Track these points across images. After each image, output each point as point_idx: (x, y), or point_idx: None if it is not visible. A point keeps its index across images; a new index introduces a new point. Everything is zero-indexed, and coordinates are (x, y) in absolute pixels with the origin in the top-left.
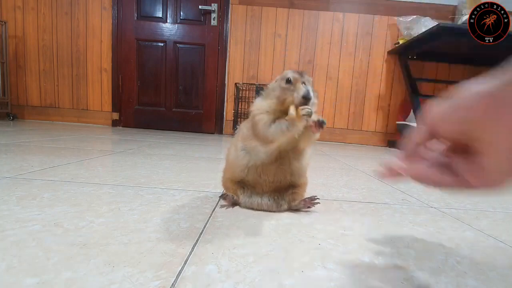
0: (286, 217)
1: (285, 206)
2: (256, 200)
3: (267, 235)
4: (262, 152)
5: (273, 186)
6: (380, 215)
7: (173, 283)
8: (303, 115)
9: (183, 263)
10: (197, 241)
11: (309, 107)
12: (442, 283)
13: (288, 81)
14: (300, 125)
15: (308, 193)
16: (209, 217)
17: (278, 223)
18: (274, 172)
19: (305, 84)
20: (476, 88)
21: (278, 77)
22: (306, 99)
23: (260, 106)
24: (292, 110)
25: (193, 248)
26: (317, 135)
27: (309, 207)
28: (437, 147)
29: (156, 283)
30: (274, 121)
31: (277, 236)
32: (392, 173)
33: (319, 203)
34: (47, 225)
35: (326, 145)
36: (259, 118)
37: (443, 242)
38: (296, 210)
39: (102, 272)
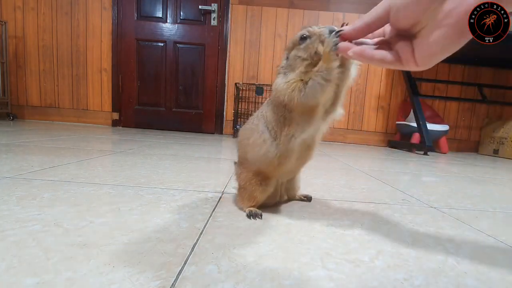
0: (286, 217)
1: (288, 195)
2: (273, 195)
3: (267, 235)
4: (308, 127)
5: (300, 168)
6: (380, 215)
7: (173, 283)
8: (330, 51)
9: (183, 263)
10: (197, 241)
11: (332, 37)
12: (442, 283)
13: (304, 38)
14: (335, 63)
15: (308, 193)
16: (209, 217)
17: (278, 223)
18: (307, 151)
19: (321, 27)
20: None
21: (287, 49)
22: (333, 32)
23: (288, 80)
24: (325, 47)
25: (193, 248)
26: (354, 71)
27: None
28: (384, 32)
29: (156, 283)
30: (307, 82)
31: (277, 236)
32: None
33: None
34: (47, 225)
35: (326, 145)
36: (292, 89)
37: (443, 242)
38: (299, 199)
39: (102, 272)
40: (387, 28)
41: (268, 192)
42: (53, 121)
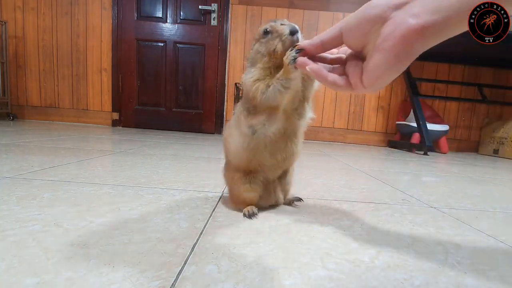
0: (286, 217)
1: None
2: (268, 195)
3: (267, 235)
4: (272, 122)
5: (285, 165)
6: (380, 215)
7: (173, 283)
8: (289, 63)
9: (183, 263)
10: (197, 241)
11: (292, 52)
12: (442, 283)
13: (266, 32)
14: (294, 74)
15: (308, 193)
16: (209, 217)
17: (278, 223)
18: (284, 146)
19: (284, 24)
20: (377, 0)
21: (254, 40)
22: (294, 33)
23: (251, 76)
24: (285, 58)
25: (193, 248)
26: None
27: (301, 200)
28: (342, 51)
29: (156, 283)
30: (269, 85)
31: (277, 236)
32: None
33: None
34: (47, 225)
35: (326, 145)
36: (255, 88)
37: (443, 242)
38: (290, 205)
39: (102, 272)
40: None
41: (255, 190)
42: (53, 121)
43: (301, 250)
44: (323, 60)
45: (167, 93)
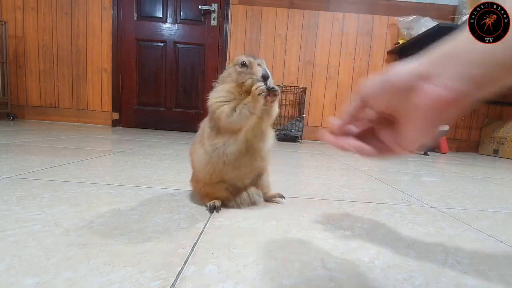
0: (286, 217)
1: (263, 197)
2: (241, 198)
3: (267, 235)
4: (232, 143)
5: (252, 175)
6: (380, 215)
7: (173, 283)
8: (259, 94)
9: (183, 263)
10: (197, 241)
11: (261, 84)
12: (442, 283)
13: (244, 64)
14: (260, 103)
15: (308, 193)
16: (209, 217)
17: (278, 223)
18: (249, 161)
19: (260, 66)
20: (401, 68)
21: (231, 63)
22: (265, 78)
23: (218, 96)
24: (254, 89)
25: (193, 248)
26: (276, 108)
27: (282, 197)
28: (368, 115)
29: (156, 283)
30: (235, 109)
31: (277, 236)
32: (335, 138)
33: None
34: (47, 225)
35: (326, 145)
36: (220, 111)
37: (443, 242)
38: (271, 201)
39: (102, 272)
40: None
41: (219, 191)
42: (53, 121)
43: (301, 250)
44: (350, 132)
45: (167, 93)
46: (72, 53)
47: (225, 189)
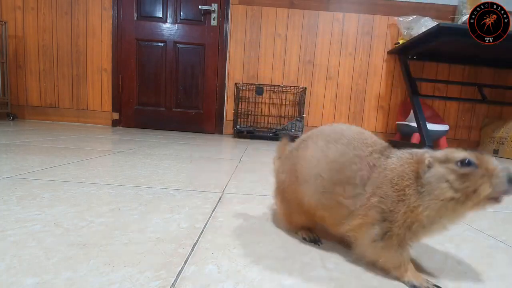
0: None
1: None
2: None
3: (267, 235)
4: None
5: None
6: None
7: (173, 283)
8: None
9: (183, 263)
10: (197, 241)
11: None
12: (442, 283)
13: (466, 163)
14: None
15: None
16: (209, 217)
17: (278, 223)
18: None
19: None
20: None
21: (431, 159)
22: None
23: (435, 203)
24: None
25: (193, 248)
26: None
27: None
28: None
29: (156, 283)
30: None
31: (277, 236)
32: None
33: None
34: (47, 225)
35: None
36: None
37: (443, 242)
38: None
39: (102, 272)
40: None
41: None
42: (53, 121)
43: (301, 250)
44: None
45: (167, 93)
46: (72, 53)
47: None
